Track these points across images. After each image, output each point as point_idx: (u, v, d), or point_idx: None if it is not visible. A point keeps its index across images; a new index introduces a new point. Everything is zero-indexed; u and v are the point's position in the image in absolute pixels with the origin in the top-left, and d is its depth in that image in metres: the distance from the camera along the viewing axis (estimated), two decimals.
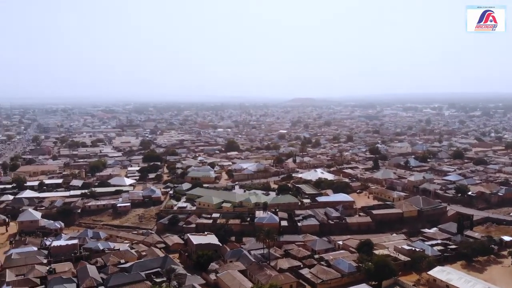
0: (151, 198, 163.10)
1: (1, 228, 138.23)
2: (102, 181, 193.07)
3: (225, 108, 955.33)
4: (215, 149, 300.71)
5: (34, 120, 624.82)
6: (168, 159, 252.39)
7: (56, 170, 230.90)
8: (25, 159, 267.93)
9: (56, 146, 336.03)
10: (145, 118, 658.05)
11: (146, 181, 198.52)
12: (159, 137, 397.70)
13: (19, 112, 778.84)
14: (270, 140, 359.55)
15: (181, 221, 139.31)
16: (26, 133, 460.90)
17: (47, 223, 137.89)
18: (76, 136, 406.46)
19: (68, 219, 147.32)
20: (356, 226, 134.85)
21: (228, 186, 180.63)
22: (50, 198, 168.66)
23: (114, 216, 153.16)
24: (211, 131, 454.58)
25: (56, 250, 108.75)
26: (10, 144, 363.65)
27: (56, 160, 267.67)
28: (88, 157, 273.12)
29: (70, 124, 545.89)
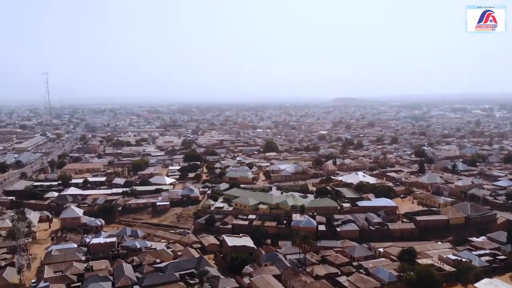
0: (189, 197, 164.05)
1: (44, 224, 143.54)
2: (144, 180, 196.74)
3: (265, 109, 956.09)
4: (254, 150, 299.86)
5: (82, 120, 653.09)
6: (207, 159, 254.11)
7: (101, 168, 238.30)
8: (72, 157, 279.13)
9: (102, 145, 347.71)
10: (188, 118, 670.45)
11: (186, 180, 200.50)
12: (200, 137, 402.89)
13: (69, 112, 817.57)
14: (309, 141, 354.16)
15: (217, 222, 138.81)
16: (74, 132, 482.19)
17: (88, 220, 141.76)
18: (121, 135, 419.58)
19: (109, 216, 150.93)
20: (399, 233, 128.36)
21: (265, 187, 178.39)
22: (93, 195, 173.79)
23: (153, 215, 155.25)
24: (251, 132, 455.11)
25: (94, 247, 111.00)
26: (59, 143, 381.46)
27: (101, 158, 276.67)
28: (131, 156, 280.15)
29: (116, 124, 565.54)
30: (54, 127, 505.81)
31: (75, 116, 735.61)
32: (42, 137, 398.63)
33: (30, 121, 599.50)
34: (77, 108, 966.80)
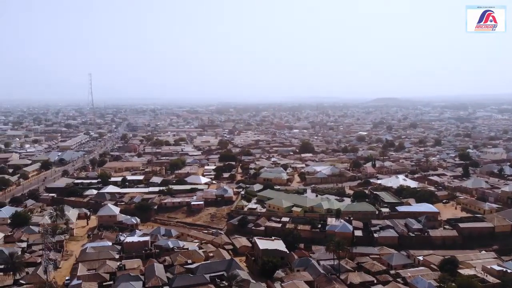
0: (223, 197, 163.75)
1: (82, 221, 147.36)
2: (180, 179, 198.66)
3: (302, 109, 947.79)
4: (289, 150, 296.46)
5: (124, 119, 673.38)
6: (242, 159, 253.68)
7: (140, 167, 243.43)
8: (113, 155, 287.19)
9: (142, 144, 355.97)
10: (225, 119, 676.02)
11: (221, 180, 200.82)
12: (236, 137, 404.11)
13: (112, 112, 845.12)
14: (348, 142, 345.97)
15: (250, 223, 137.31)
16: (116, 131, 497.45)
17: (124, 218, 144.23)
18: (161, 135, 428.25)
19: (145, 215, 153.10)
20: (440, 240, 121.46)
21: (300, 190, 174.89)
22: (130, 193, 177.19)
23: (188, 214, 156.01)
24: (287, 132, 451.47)
25: (128, 246, 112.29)
26: (101, 141, 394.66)
27: (140, 157, 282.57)
28: (170, 155, 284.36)
29: (157, 124, 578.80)
30: (97, 126, 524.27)
31: (118, 115, 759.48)
32: (85, 136, 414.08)
33: (75, 120, 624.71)
34: (120, 108, 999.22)
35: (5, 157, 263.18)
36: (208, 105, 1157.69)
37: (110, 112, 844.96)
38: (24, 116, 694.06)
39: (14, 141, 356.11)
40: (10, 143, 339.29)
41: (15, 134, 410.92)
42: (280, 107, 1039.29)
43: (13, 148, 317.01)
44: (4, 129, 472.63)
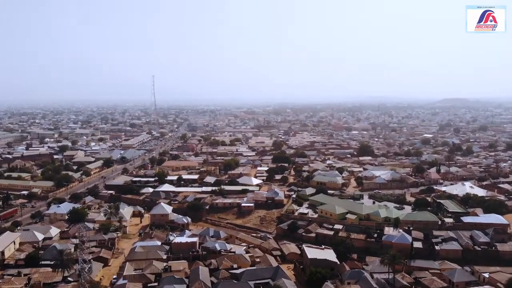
0: (273, 200, 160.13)
1: (136, 219, 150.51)
2: (232, 179, 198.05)
3: (363, 109, 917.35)
4: (347, 153, 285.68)
5: (185, 120, 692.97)
6: (296, 161, 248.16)
7: (196, 166, 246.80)
8: (172, 154, 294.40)
9: (199, 144, 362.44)
10: (282, 119, 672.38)
11: (272, 182, 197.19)
12: (292, 138, 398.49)
13: (175, 112, 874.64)
14: (411, 145, 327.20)
15: (300, 229, 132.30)
16: (177, 131, 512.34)
17: (176, 217, 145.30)
18: (218, 135, 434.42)
19: (196, 214, 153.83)
20: (509, 256, 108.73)
21: (356, 195, 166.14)
22: (183, 193, 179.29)
23: (238, 215, 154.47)
24: (345, 133, 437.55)
25: (176, 246, 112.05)
26: (162, 141, 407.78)
27: (197, 157, 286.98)
28: (225, 155, 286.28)
29: (215, 124, 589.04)
30: (160, 126, 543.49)
31: (180, 116, 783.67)
32: (148, 135, 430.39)
33: (140, 120, 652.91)
34: (182, 108, 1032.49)
35: (71, 155, 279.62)
36: (265, 106, 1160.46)
37: (173, 112, 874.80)
38: (93, 116, 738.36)
39: (81, 139, 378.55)
40: (77, 141, 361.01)
41: (83, 133, 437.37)
42: (339, 108, 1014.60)
43: (79, 146, 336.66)
44: (73, 127, 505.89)
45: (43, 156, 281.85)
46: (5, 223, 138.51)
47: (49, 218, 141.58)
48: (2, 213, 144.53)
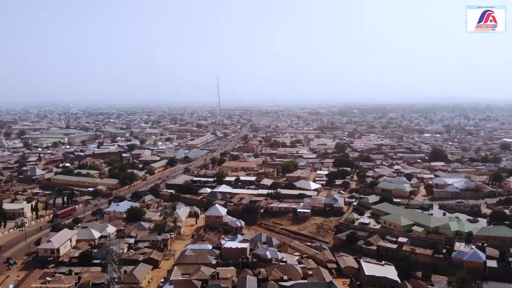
0: (332, 207, 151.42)
1: (192, 220, 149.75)
2: (289, 183, 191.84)
3: (436, 110, 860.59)
4: (417, 157, 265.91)
5: (249, 120, 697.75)
6: (360, 165, 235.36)
7: (254, 168, 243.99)
8: (232, 155, 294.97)
9: (260, 145, 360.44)
10: (347, 120, 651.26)
11: (332, 187, 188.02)
12: (357, 140, 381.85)
13: (239, 113, 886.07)
14: (489, 151, 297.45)
15: (360, 240, 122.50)
16: (240, 131, 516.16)
17: (229, 220, 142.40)
18: (279, 136, 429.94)
19: (251, 218, 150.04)
20: None
21: (424, 205, 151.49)
22: (239, 194, 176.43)
23: (293, 221, 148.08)
24: (416, 136, 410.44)
25: (226, 251, 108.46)
26: (224, 141, 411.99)
27: (257, 158, 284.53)
28: (284, 157, 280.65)
29: (277, 125, 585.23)
30: (224, 127, 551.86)
31: (244, 117, 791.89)
32: (212, 136, 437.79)
33: (206, 120, 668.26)
34: (247, 109, 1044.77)
35: (138, 153, 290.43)
36: (330, 106, 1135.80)
37: (238, 113, 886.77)
38: (164, 116, 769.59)
39: (150, 139, 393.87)
40: (145, 140, 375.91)
41: (152, 132, 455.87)
42: (411, 108, 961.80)
43: (147, 145, 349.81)
44: (144, 127, 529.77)
45: (112, 154, 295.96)
46: (66, 220, 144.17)
47: (109, 216, 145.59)
48: (61, 211, 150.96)
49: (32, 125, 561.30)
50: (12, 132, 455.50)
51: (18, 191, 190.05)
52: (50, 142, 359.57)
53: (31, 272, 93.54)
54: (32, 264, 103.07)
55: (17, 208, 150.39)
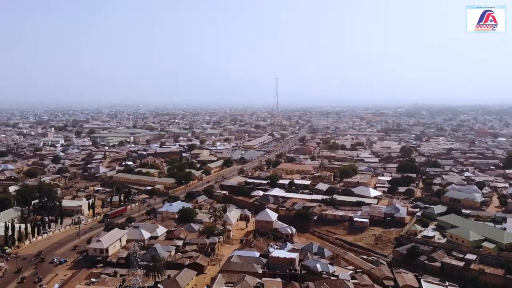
0: (393, 217, 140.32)
1: (243, 223, 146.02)
2: (347, 189, 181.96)
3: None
4: (490, 164, 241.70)
5: (308, 121, 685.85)
6: (426, 171, 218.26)
7: (310, 171, 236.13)
8: (288, 157, 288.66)
9: (318, 147, 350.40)
10: (414, 122, 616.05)
11: (394, 195, 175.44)
12: (424, 144, 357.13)
13: (298, 114, 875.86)
14: None
15: (423, 255, 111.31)
16: (298, 132, 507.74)
17: (280, 226, 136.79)
18: (339, 138, 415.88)
19: (303, 224, 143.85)
20: None
21: (497, 218, 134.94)
22: (292, 199, 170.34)
23: (349, 231, 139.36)
24: (489, 140, 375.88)
25: (273, 261, 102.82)
26: (281, 142, 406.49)
27: (313, 160, 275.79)
28: (343, 160, 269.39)
29: (337, 126, 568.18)
30: (282, 128, 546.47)
31: (303, 117, 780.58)
32: (269, 137, 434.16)
33: (265, 121, 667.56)
34: (307, 110, 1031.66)
35: (197, 153, 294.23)
36: (397, 107, 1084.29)
37: (297, 114, 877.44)
38: (225, 117, 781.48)
39: (210, 139, 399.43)
40: (205, 140, 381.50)
41: (212, 133, 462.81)
42: (484, 110, 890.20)
43: (206, 145, 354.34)
44: (205, 127, 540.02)
45: (173, 154, 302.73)
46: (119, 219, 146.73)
47: (161, 216, 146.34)
48: (111, 212, 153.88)
49: (102, 124, 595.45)
50: (83, 130, 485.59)
51: (80, 188, 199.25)
52: (116, 141, 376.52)
53: (78, 271, 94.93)
54: (81, 263, 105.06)
55: (75, 205, 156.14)
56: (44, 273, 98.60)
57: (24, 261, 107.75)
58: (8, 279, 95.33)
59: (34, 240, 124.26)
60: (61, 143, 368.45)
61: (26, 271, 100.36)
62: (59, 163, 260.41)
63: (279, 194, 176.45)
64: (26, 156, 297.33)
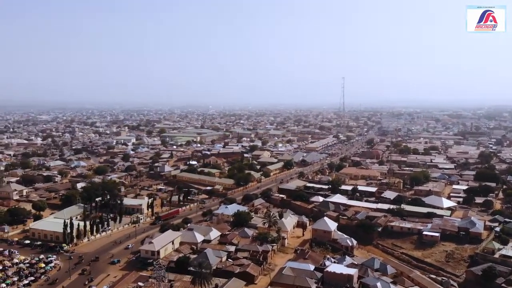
0: (468, 232, 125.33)
1: (299, 231, 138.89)
2: (417, 198, 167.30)
3: None
4: None
5: (377, 123, 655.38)
6: (508, 180, 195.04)
7: (377, 176, 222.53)
8: (353, 160, 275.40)
9: (387, 150, 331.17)
10: (495, 125, 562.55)
11: (471, 206, 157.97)
12: (506, 149, 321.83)
13: (367, 115, 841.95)
14: None
15: (500, 277, 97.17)
16: (365, 135, 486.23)
17: (339, 236, 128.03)
18: (411, 141, 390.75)
19: (365, 236, 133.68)
20: None
21: None
22: (355, 207, 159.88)
23: (417, 246, 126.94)
24: None
25: (329, 276, 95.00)
26: (347, 144, 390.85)
27: (381, 165, 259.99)
28: (415, 166, 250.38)
29: (409, 128, 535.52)
30: (348, 129, 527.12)
31: (372, 119, 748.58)
32: (334, 139, 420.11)
33: (330, 122, 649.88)
34: (377, 111, 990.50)
35: (258, 154, 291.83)
36: (476, 108, 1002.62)
37: (366, 115, 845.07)
38: (289, 118, 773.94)
39: (272, 140, 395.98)
40: (267, 141, 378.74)
41: (275, 134, 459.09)
42: None
43: (268, 146, 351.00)
44: (268, 128, 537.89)
45: (235, 154, 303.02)
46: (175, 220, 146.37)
47: (217, 218, 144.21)
48: (163, 214, 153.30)
49: (172, 124, 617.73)
50: (154, 130, 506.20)
51: (144, 186, 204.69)
52: (184, 141, 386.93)
53: (128, 273, 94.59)
54: (134, 264, 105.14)
55: (136, 204, 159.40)
56: (96, 273, 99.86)
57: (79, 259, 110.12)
58: (61, 278, 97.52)
59: (93, 238, 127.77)
60: (132, 141, 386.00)
61: (79, 270, 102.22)
62: (128, 161, 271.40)
63: (340, 201, 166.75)
64: (99, 154, 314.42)
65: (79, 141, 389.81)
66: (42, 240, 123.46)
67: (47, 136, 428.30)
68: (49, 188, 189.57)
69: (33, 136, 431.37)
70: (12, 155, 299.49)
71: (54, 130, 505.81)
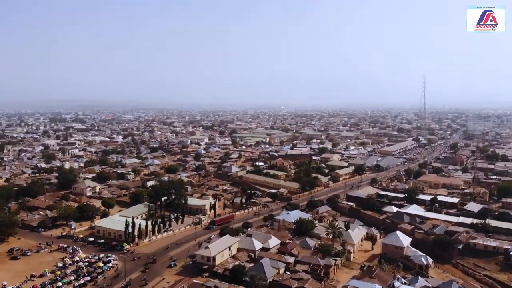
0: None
1: (368, 244, 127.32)
2: (505, 212, 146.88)
3: None
4: None
5: (463, 126, 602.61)
6: None
7: (460, 186, 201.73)
8: (433, 167, 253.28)
9: (472, 156, 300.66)
10: None
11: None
12: None
13: (452, 117, 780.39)
14: None
15: None
16: (449, 138, 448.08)
17: (413, 253, 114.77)
18: (500, 146, 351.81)
19: (443, 254, 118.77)
20: None
21: None
22: (433, 220, 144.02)
23: (503, 268, 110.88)
24: None
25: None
26: (428, 149, 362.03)
27: (465, 173, 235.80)
28: (504, 174, 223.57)
29: (498, 132, 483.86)
30: (429, 132, 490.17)
31: (457, 121, 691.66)
32: (413, 142, 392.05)
33: (410, 124, 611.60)
34: (462, 112, 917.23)
35: (327, 157, 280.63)
36: None
37: (450, 116, 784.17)
38: (365, 119, 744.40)
39: (344, 142, 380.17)
40: (338, 143, 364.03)
41: (348, 135, 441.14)
42: None
43: (339, 148, 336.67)
44: (340, 129, 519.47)
45: (303, 156, 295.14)
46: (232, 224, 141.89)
47: (278, 224, 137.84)
48: (217, 219, 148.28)
49: (244, 124, 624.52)
50: (226, 130, 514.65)
51: (211, 186, 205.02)
52: (253, 141, 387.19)
53: (181, 279, 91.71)
54: (189, 269, 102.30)
55: (200, 204, 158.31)
56: (152, 276, 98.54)
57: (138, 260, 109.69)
58: (118, 279, 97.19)
59: (154, 238, 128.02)
60: (205, 141, 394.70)
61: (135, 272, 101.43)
62: (199, 160, 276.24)
63: (416, 212, 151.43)
64: (174, 153, 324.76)
65: (156, 140, 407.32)
66: (106, 238, 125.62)
67: (128, 134, 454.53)
68: (121, 185, 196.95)
69: (115, 134, 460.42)
70: (93, 152, 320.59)
71: (135, 129, 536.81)
